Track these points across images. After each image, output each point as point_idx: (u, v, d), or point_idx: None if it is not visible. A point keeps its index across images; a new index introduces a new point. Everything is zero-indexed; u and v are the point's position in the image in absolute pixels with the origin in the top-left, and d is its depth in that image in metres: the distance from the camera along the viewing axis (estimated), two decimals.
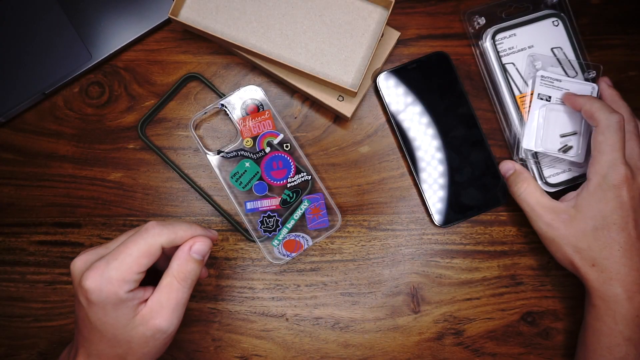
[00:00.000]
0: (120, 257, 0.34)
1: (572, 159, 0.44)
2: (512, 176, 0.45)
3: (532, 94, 0.45)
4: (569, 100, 0.43)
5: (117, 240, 0.37)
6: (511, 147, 0.47)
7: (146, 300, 0.36)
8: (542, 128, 0.45)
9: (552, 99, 0.45)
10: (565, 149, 0.44)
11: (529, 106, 0.45)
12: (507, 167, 0.46)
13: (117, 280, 0.34)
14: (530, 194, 0.43)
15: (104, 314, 0.34)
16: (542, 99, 0.45)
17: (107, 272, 0.34)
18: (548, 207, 0.42)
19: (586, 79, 0.46)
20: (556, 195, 0.47)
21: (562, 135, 0.45)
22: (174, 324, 0.36)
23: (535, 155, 0.46)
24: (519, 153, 0.46)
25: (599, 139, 0.40)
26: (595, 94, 0.45)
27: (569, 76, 0.46)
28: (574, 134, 0.45)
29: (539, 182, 0.46)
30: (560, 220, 0.41)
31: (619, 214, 0.39)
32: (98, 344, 0.35)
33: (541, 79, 0.45)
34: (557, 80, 0.45)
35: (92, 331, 0.35)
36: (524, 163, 0.46)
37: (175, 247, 0.37)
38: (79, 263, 0.36)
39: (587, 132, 0.44)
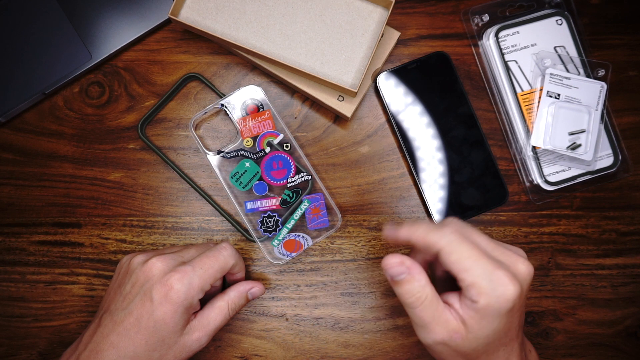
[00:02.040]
0: (205, 268, 0.39)
1: (581, 157, 0.45)
2: (403, 284, 0.34)
3: (540, 90, 0.45)
4: (390, 236, 0.36)
5: (189, 251, 0.41)
6: (512, 145, 0.47)
7: (196, 312, 0.39)
8: (550, 126, 0.45)
9: (561, 96, 0.45)
10: (574, 147, 0.44)
11: (538, 104, 0.45)
12: (397, 272, 0.34)
13: (198, 287, 0.38)
14: (427, 309, 0.34)
15: (172, 315, 0.37)
16: (551, 96, 0.45)
17: (193, 278, 0.38)
18: (443, 322, 0.33)
19: (595, 78, 0.46)
20: (556, 195, 0.47)
21: (571, 133, 0.45)
22: (207, 342, 0.39)
23: (536, 153, 0.46)
24: (521, 151, 0.46)
25: (451, 259, 0.33)
26: (604, 92, 0.45)
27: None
28: (583, 131, 0.45)
29: (539, 180, 0.46)
30: (453, 339, 0.33)
31: (507, 332, 0.34)
32: (138, 345, 0.37)
33: (550, 77, 0.45)
34: (566, 78, 0.45)
35: (140, 331, 0.37)
36: (524, 161, 0.46)
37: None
38: (159, 264, 0.38)
39: (597, 129, 0.44)
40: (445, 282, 0.38)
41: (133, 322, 0.37)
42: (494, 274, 0.32)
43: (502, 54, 0.46)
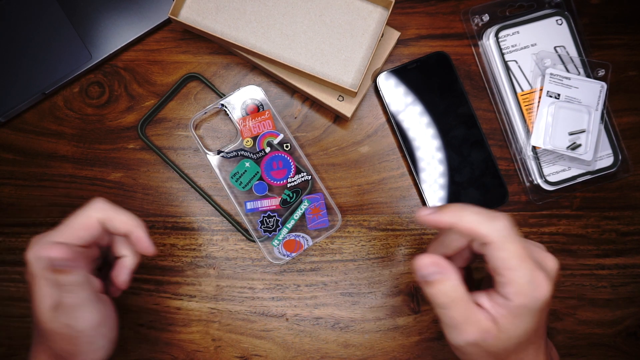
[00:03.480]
0: (58, 228, 0.35)
1: (581, 157, 0.45)
2: (434, 285, 0.33)
3: (540, 90, 0.45)
4: (431, 220, 0.34)
5: None
6: (512, 145, 0.47)
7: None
8: (550, 126, 0.45)
9: (561, 96, 0.45)
10: (574, 147, 0.44)
11: (538, 104, 0.45)
12: (429, 271, 0.33)
13: (47, 246, 0.33)
14: (459, 308, 0.33)
15: (33, 289, 0.34)
16: (551, 96, 0.45)
17: (40, 240, 0.34)
18: (475, 322, 0.33)
19: (595, 78, 0.46)
20: (556, 195, 0.47)
21: (571, 133, 0.45)
22: (89, 328, 0.35)
23: (536, 153, 0.46)
24: (521, 151, 0.46)
25: (500, 255, 0.32)
26: (604, 92, 0.44)
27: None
28: (583, 131, 0.45)
29: (539, 180, 0.46)
30: (483, 339, 0.33)
31: (535, 326, 0.33)
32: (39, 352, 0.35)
33: (550, 77, 0.45)
34: (566, 78, 0.45)
35: (34, 332, 0.35)
36: (524, 161, 0.46)
37: (112, 236, 0.38)
38: (30, 242, 0.35)
39: (597, 129, 0.44)
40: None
41: (33, 321, 0.35)
42: (535, 275, 0.32)
43: (502, 54, 0.46)
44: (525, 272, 0.32)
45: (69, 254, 0.33)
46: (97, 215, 0.36)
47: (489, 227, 0.32)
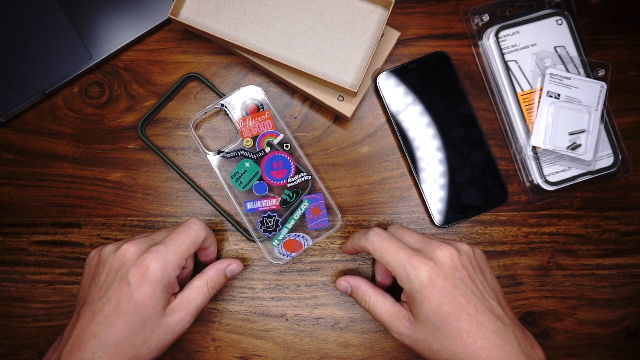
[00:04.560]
0: (177, 244, 0.39)
1: (581, 157, 0.45)
2: (352, 294, 0.43)
3: (540, 90, 0.45)
4: (345, 253, 0.46)
5: (159, 233, 0.42)
6: (512, 145, 0.47)
7: (175, 293, 0.39)
8: (550, 126, 0.45)
9: (561, 96, 0.45)
10: (574, 147, 0.44)
11: (538, 104, 0.45)
12: (343, 287, 0.43)
13: (174, 264, 0.38)
14: (375, 305, 0.40)
15: (151, 295, 0.37)
16: (551, 96, 0.45)
17: (167, 255, 0.38)
18: (393, 314, 0.39)
19: (595, 78, 0.46)
20: (556, 195, 0.47)
21: (571, 133, 0.45)
22: (190, 323, 0.39)
23: (536, 153, 0.46)
24: (521, 151, 0.46)
25: (378, 257, 0.39)
26: (604, 92, 0.45)
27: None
28: (583, 131, 0.45)
29: (539, 180, 0.46)
30: (406, 327, 0.38)
31: (446, 302, 0.36)
32: (120, 331, 0.36)
33: (550, 77, 0.45)
34: (566, 78, 0.45)
35: (121, 316, 0.36)
36: (524, 161, 0.46)
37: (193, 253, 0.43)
38: (132, 248, 0.38)
39: (597, 129, 0.44)
40: None
41: (112, 308, 0.36)
42: (409, 261, 0.37)
43: (502, 54, 0.46)
44: (398, 262, 0.37)
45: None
46: (203, 235, 0.41)
47: (362, 238, 0.40)
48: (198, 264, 0.45)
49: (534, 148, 0.46)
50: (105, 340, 0.36)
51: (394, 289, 0.45)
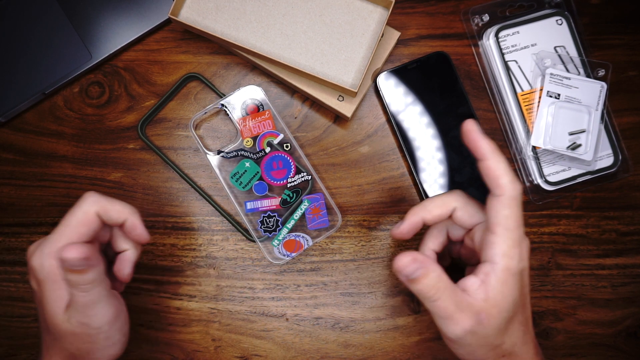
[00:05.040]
0: (58, 230, 0.35)
1: (581, 157, 0.45)
2: (419, 281, 0.33)
3: (540, 90, 0.45)
4: (472, 139, 0.35)
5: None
6: (512, 145, 0.47)
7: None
8: (550, 126, 0.45)
9: (561, 96, 0.45)
10: (574, 147, 0.44)
11: (538, 104, 0.45)
12: (410, 269, 0.33)
13: (53, 249, 0.34)
14: (445, 295, 0.33)
15: (41, 292, 0.34)
16: (551, 96, 0.45)
17: (46, 246, 0.34)
18: (466, 308, 0.33)
19: (595, 78, 0.46)
20: (556, 195, 0.47)
21: (571, 133, 0.45)
22: (106, 327, 0.35)
23: (536, 153, 0.46)
24: (521, 151, 0.46)
25: (504, 212, 0.33)
26: (604, 92, 0.45)
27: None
28: (583, 131, 0.45)
29: (539, 180, 0.46)
30: (479, 322, 0.33)
31: (520, 296, 0.34)
32: (63, 338, 0.34)
33: (550, 77, 0.45)
34: (566, 78, 0.45)
35: (44, 331, 0.35)
36: (524, 161, 0.46)
37: (113, 226, 0.38)
38: (31, 248, 0.35)
39: (597, 129, 0.44)
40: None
41: (42, 327, 0.34)
42: (522, 243, 0.33)
43: (502, 54, 0.46)
44: (516, 237, 0.33)
45: (84, 252, 0.32)
46: (93, 209, 0.35)
47: (509, 182, 0.33)
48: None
49: (534, 148, 0.46)
50: (62, 347, 0.35)
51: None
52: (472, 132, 0.34)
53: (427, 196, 0.46)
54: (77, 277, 0.33)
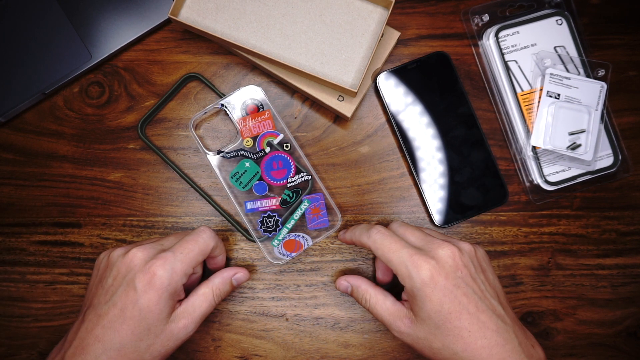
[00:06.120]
0: (185, 252, 0.39)
1: (581, 157, 0.45)
2: (353, 293, 0.43)
3: (540, 90, 0.45)
4: (342, 241, 0.45)
5: (168, 239, 0.42)
6: (512, 145, 0.47)
7: (181, 300, 0.39)
8: (550, 126, 0.45)
9: (561, 96, 0.45)
10: (574, 147, 0.44)
11: (538, 104, 0.45)
12: (343, 286, 0.43)
13: (181, 272, 0.38)
14: (375, 304, 0.40)
15: (157, 301, 0.37)
16: (551, 96, 0.45)
17: (174, 262, 0.38)
18: (394, 312, 0.39)
19: (595, 78, 0.46)
20: (556, 195, 0.47)
21: (571, 133, 0.45)
22: (194, 330, 0.39)
23: (536, 153, 0.46)
24: (521, 151, 0.46)
25: (380, 255, 0.39)
26: (604, 92, 0.45)
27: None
28: (583, 131, 0.45)
29: (539, 180, 0.46)
30: (407, 325, 0.38)
31: (447, 301, 0.36)
32: (124, 335, 0.36)
33: (550, 77, 0.45)
34: (566, 78, 0.45)
35: (126, 321, 0.36)
36: (524, 161, 0.46)
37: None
38: (140, 253, 0.38)
39: (597, 129, 0.44)
40: None
41: (117, 313, 0.36)
42: (410, 259, 0.37)
43: (502, 54, 0.46)
44: (400, 260, 0.37)
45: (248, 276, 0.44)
46: (211, 244, 0.41)
47: (364, 235, 0.40)
48: (207, 271, 0.45)
49: (534, 148, 0.46)
50: (109, 345, 0.36)
51: (394, 287, 0.45)
52: (340, 239, 0.45)
53: (426, 196, 0.47)
54: (227, 291, 0.42)
